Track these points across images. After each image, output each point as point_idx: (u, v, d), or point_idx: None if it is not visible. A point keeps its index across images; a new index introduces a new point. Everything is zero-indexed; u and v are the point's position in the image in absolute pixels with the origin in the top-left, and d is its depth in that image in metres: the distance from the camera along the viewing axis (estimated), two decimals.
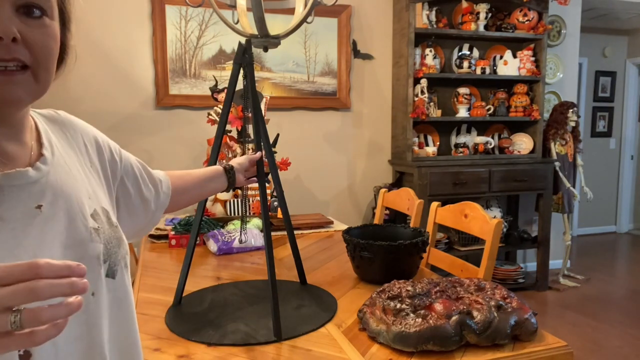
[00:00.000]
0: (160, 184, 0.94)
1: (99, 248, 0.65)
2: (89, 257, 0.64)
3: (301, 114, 3.36)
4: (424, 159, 3.39)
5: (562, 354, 1.00)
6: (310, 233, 2.23)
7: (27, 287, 0.42)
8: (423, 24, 3.32)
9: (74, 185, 0.66)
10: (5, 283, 0.42)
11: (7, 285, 0.42)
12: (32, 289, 0.42)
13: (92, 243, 0.64)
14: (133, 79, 3.00)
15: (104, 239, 0.67)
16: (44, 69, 0.60)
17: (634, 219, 5.91)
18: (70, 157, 0.70)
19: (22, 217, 0.58)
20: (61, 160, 0.67)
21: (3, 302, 0.42)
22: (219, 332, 1.09)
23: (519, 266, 3.79)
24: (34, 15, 0.58)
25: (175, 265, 1.70)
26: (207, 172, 1.10)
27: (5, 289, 0.42)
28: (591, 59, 5.46)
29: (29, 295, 0.42)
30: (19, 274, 0.43)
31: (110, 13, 2.94)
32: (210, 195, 1.14)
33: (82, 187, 0.68)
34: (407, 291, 1.05)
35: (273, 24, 1.51)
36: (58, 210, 0.62)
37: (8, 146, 0.61)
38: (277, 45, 1.49)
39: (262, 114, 1.95)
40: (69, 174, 0.67)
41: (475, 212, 1.60)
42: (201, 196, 1.11)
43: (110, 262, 0.67)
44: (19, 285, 0.42)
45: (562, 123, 3.76)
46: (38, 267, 0.43)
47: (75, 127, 0.75)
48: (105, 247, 0.66)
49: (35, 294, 0.42)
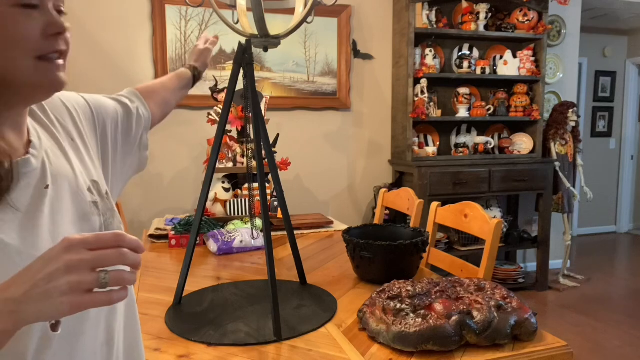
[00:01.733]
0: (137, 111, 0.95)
1: (99, 220, 0.70)
2: (92, 230, 0.68)
3: (301, 114, 3.36)
4: (424, 159, 3.39)
5: (562, 354, 1.00)
6: (310, 233, 2.23)
7: (118, 252, 0.52)
8: (423, 24, 3.32)
9: (65, 164, 0.70)
10: (94, 248, 0.51)
11: (96, 250, 0.51)
12: (122, 254, 0.52)
13: (93, 216, 0.69)
14: (133, 79, 3.00)
15: (101, 210, 0.71)
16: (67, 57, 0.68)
17: (634, 219, 5.91)
18: (52, 137, 0.72)
19: (35, 200, 0.62)
20: (46, 143, 0.69)
21: (96, 263, 0.51)
22: (219, 332, 1.09)
23: (519, 266, 3.79)
24: (62, 12, 0.66)
25: (175, 265, 1.70)
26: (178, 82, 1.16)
27: (98, 252, 0.51)
28: (591, 59, 5.46)
29: (119, 258, 0.52)
30: (106, 241, 0.52)
31: (110, 13, 2.94)
32: (180, 100, 1.20)
33: (72, 164, 0.71)
34: (407, 291, 1.05)
35: (273, 24, 1.51)
36: (61, 189, 0.66)
37: (10, 135, 0.64)
38: (277, 45, 1.48)
39: (262, 114, 1.95)
40: (57, 155, 0.70)
41: (475, 212, 1.60)
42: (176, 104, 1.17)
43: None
44: (111, 250, 0.52)
45: (562, 123, 3.76)
46: (121, 238, 0.53)
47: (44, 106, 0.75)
48: (103, 218, 0.71)
49: (124, 258, 0.52)
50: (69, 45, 0.65)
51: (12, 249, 0.57)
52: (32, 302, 0.49)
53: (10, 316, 0.48)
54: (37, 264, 0.51)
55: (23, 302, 0.49)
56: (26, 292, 0.49)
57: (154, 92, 1.05)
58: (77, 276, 0.49)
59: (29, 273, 0.50)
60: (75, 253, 0.50)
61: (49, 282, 0.49)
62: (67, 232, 0.64)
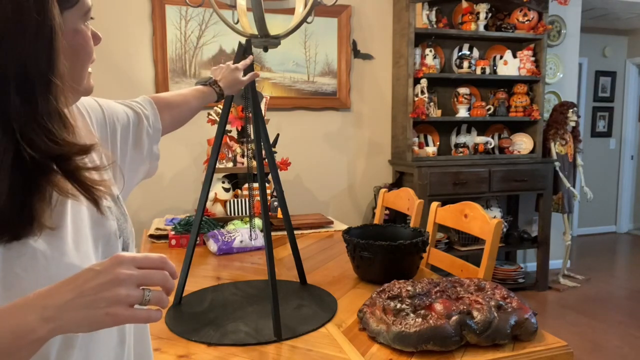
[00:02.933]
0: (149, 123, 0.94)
1: (114, 225, 0.70)
2: (108, 234, 0.68)
3: (301, 114, 3.36)
4: (424, 159, 3.39)
5: (562, 354, 1.00)
6: (310, 233, 2.23)
7: (163, 274, 0.55)
8: (423, 24, 3.32)
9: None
10: (142, 266, 0.54)
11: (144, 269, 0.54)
12: (165, 276, 0.55)
13: (108, 221, 0.69)
14: (133, 79, 3.00)
15: (115, 216, 0.71)
16: None
17: (634, 219, 5.91)
18: None
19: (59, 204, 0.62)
20: None
21: (143, 280, 0.53)
22: (219, 332, 1.09)
23: (519, 266, 3.79)
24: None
25: (175, 265, 1.70)
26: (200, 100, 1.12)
27: (145, 271, 0.54)
28: (591, 59, 5.46)
29: (162, 279, 0.55)
30: (153, 262, 0.55)
31: (110, 13, 2.94)
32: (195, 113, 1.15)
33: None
34: (407, 291, 1.05)
35: (273, 24, 1.51)
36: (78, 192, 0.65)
37: None
38: (277, 45, 1.49)
39: (262, 114, 1.95)
40: None
41: (475, 212, 1.60)
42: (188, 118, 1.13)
43: (123, 237, 0.72)
44: (157, 271, 0.55)
45: (562, 123, 3.76)
46: (166, 261, 0.57)
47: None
48: (117, 223, 0.71)
49: (165, 280, 0.55)
50: None
51: (40, 253, 0.57)
52: (75, 310, 0.49)
53: (47, 323, 0.48)
54: (85, 274, 0.52)
55: (65, 310, 0.49)
56: (71, 300, 0.49)
57: (170, 104, 1.03)
58: (126, 290, 0.51)
59: (74, 282, 0.51)
60: (126, 268, 0.52)
61: (98, 292, 0.50)
62: (87, 237, 0.64)
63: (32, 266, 0.56)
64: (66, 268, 0.58)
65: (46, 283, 0.54)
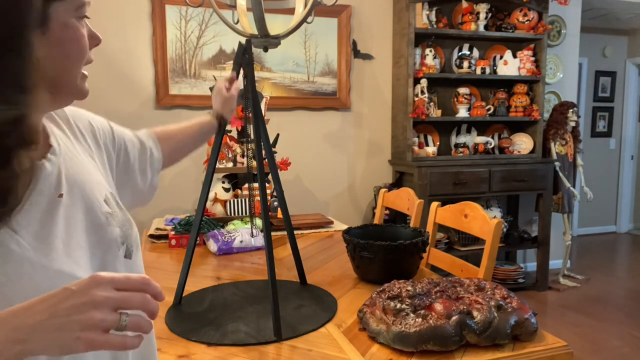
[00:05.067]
0: (151, 152, 0.97)
1: (116, 231, 0.69)
2: (108, 240, 0.67)
3: (301, 114, 3.36)
4: (424, 159, 3.39)
5: (562, 354, 1.00)
6: (310, 233, 2.23)
7: (142, 296, 0.52)
8: (423, 24, 3.32)
9: (84, 173, 0.69)
10: (121, 288, 0.51)
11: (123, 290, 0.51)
12: (146, 299, 0.52)
13: (110, 227, 0.68)
14: (133, 79, 3.00)
15: (119, 222, 0.71)
16: None
17: (634, 219, 5.91)
18: (73, 145, 0.72)
19: (49, 207, 0.61)
20: (66, 149, 0.69)
21: (121, 304, 0.50)
22: (219, 332, 1.09)
23: (519, 266, 3.79)
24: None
25: (175, 265, 1.70)
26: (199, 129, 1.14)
27: (124, 294, 0.50)
28: (591, 59, 5.46)
29: (142, 303, 0.51)
30: (134, 283, 0.52)
31: (110, 13, 2.94)
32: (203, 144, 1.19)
33: (91, 174, 0.71)
34: (407, 291, 1.05)
35: (273, 24, 1.50)
36: (76, 198, 0.65)
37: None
38: (277, 45, 1.49)
39: (262, 114, 1.95)
40: (77, 163, 0.69)
41: (475, 212, 1.60)
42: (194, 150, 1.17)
43: (127, 244, 0.71)
44: (136, 294, 0.51)
45: (562, 123, 3.76)
46: (148, 283, 0.53)
47: (68, 116, 0.76)
48: (121, 230, 0.70)
49: (146, 303, 0.52)
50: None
51: (25, 260, 0.55)
52: (46, 332, 0.47)
53: (15, 345, 0.46)
54: (60, 293, 0.49)
55: (36, 330, 0.46)
56: (42, 321, 0.47)
57: (170, 136, 1.06)
58: (101, 314, 0.48)
59: (48, 301, 0.48)
60: (103, 290, 0.49)
61: (71, 314, 0.47)
62: (81, 242, 0.63)
63: (16, 274, 0.54)
64: (54, 275, 0.57)
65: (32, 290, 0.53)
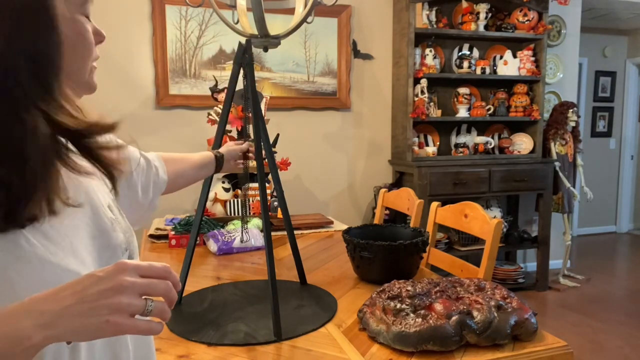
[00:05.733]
0: (157, 172, 0.99)
1: (120, 237, 0.69)
2: (114, 245, 0.68)
3: (301, 114, 3.36)
4: (424, 159, 3.39)
5: (562, 354, 1.00)
6: (310, 233, 2.23)
7: (166, 284, 0.53)
8: (423, 24, 3.32)
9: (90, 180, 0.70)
10: (146, 275, 0.52)
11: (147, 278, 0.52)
12: (168, 286, 0.53)
13: (115, 232, 0.69)
14: (133, 79, 3.00)
15: (122, 229, 0.71)
16: None
17: (634, 219, 5.91)
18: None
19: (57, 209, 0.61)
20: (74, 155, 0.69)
21: (146, 289, 0.51)
22: (219, 332, 1.09)
23: (519, 266, 3.79)
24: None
25: (175, 265, 1.70)
26: (200, 159, 1.18)
27: (149, 280, 0.52)
28: (591, 59, 5.46)
29: (165, 290, 0.53)
30: (157, 271, 0.53)
31: (110, 13, 2.94)
32: (201, 179, 1.22)
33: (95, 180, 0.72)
34: (407, 291, 1.05)
35: (273, 24, 1.51)
36: (82, 202, 0.65)
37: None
38: (277, 45, 1.49)
39: (262, 114, 1.95)
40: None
41: (475, 212, 1.60)
42: (193, 181, 1.21)
43: (130, 250, 0.72)
44: (160, 281, 0.53)
45: (562, 123, 3.76)
46: (170, 271, 0.54)
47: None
48: (124, 236, 0.71)
49: (168, 290, 0.53)
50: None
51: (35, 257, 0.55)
52: (74, 317, 0.47)
53: (43, 330, 0.46)
54: (86, 280, 0.50)
55: (63, 316, 0.47)
56: (69, 306, 0.47)
57: (175, 160, 1.09)
58: (128, 298, 0.49)
59: (74, 287, 0.49)
60: (129, 275, 0.50)
61: (99, 299, 0.48)
62: (87, 244, 0.63)
63: (26, 270, 0.54)
64: (62, 272, 0.57)
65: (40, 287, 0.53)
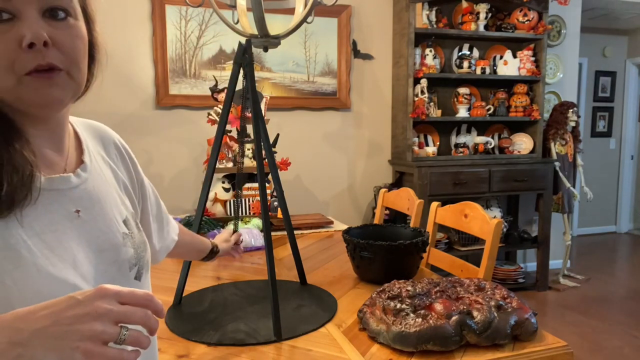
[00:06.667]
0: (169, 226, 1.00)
1: (130, 252, 0.70)
2: (121, 260, 0.68)
3: (301, 114, 3.36)
4: (424, 159, 3.39)
5: (562, 354, 1.00)
6: (310, 233, 2.23)
7: (145, 312, 0.51)
8: (423, 24, 3.32)
9: (109, 192, 0.71)
10: (125, 302, 0.51)
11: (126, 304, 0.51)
12: (147, 315, 0.51)
13: (124, 248, 0.69)
14: (133, 79, 3.00)
15: (134, 244, 0.71)
16: (76, 68, 0.63)
17: (634, 219, 5.91)
18: (105, 164, 0.74)
19: (62, 220, 0.62)
20: (97, 167, 0.71)
21: (122, 317, 0.50)
22: (219, 332, 1.09)
23: (519, 266, 3.79)
24: (58, 17, 0.60)
25: (175, 265, 1.70)
26: (202, 243, 1.17)
27: (126, 307, 0.50)
28: (591, 59, 5.46)
29: (143, 318, 0.51)
30: (137, 299, 0.51)
31: (110, 13, 2.94)
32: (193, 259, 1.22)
33: (116, 194, 0.72)
34: (407, 291, 1.05)
35: (273, 24, 1.51)
36: (94, 215, 0.66)
37: (47, 151, 0.64)
38: (277, 45, 1.49)
39: (262, 114, 1.95)
40: (104, 181, 0.71)
41: (475, 212, 1.60)
42: (187, 257, 1.21)
43: (139, 266, 0.72)
44: (138, 309, 0.51)
45: (562, 123, 3.76)
46: (152, 299, 0.52)
47: (108, 136, 0.79)
48: (135, 252, 0.71)
49: (147, 319, 0.51)
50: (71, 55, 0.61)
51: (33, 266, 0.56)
52: (47, 339, 0.47)
53: (16, 347, 0.46)
54: (64, 301, 0.49)
55: (37, 336, 0.46)
56: (44, 327, 0.47)
57: (182, 231, 1.08)
58: (102, 325, 0.48)
59: (52, 308, 0.48)
60: (107, 302, 0.49)
61: (74, 323, 0.47)
62: (91, 259, 0.63)
63: (22, 279, 0.55)
64: (58, 284, 0.57)
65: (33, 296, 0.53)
